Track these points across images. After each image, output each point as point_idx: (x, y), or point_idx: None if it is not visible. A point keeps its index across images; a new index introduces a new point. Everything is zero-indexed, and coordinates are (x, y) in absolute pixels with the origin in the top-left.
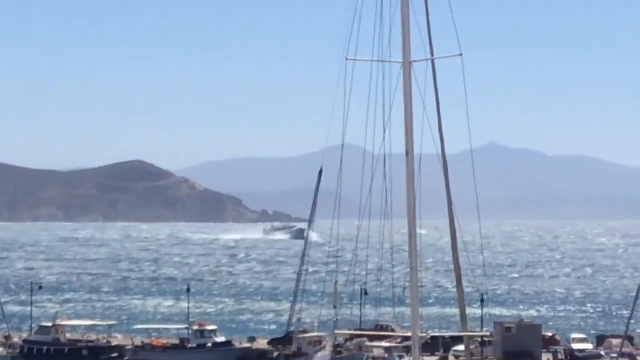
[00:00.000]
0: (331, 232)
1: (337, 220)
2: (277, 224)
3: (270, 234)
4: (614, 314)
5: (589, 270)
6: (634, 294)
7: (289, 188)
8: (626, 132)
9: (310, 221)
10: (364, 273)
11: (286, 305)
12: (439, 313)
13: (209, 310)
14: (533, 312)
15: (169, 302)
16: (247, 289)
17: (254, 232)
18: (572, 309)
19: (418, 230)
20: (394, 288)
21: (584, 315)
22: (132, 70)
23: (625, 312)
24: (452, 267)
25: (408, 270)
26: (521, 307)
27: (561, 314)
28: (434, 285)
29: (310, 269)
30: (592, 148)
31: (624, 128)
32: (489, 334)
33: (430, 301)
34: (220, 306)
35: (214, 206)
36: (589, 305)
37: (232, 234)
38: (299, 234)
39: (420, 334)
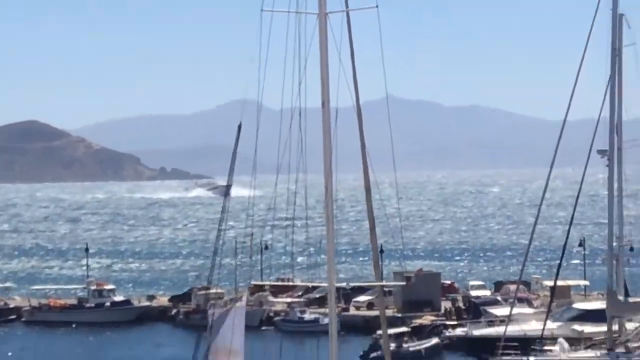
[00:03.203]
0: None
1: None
2: (201, 181)
3: (191, 191)
4: (512, 261)
5: (488, 219)
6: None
7: (187, 145)
8: (520, 83)
9: (230, 176)
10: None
11: (192, 262)
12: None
13: (112, 268)
14: (432, 262)
15: (71, 263)
16: (154, 247)
17: (172, 191)
18: (470, 257)
19: (334, 182)
20: (289, 242)
21: (482, 263)
22: (23, 28)
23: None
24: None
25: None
26: (422, 257)
27: (459, 263)
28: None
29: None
30: (486, 98)
31: (518, 79)
32: (404, 283)
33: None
34: (120, 265)
35: (112, 165)
36: (487, 253)
37: (148, 193)
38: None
39: (337, 285)
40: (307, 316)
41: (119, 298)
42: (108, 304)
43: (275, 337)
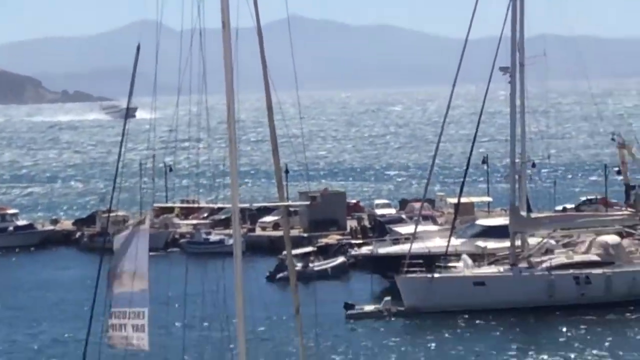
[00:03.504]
0: (153, 105)
1: (154, 97)
2: (105, 103)
3: (94, 114)
4: (416, 179)
5: (390, 138)
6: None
7: (89, 67)
8: (427, 1)
9: (129, 99)
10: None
11: (94, 185)
12: (251, 187)
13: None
14: (337, 182)
15: None
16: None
17: (74, 114)
18: (374, 176)
19: (236, 103)
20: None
21: (386, 182)
22: None
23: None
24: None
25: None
26: (326, 177)
27: (364, 183)
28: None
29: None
30: (394, 17)
31: None
32: (308, 203)
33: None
34: (22, 189)
35: (12, 88)
36: (391, 172)
37: (49, 116)
38: (130, 113)
39: (240, 206)
40: (213, 237)
41: (22, 222)
42: (11, 228)
43: (180, 258)
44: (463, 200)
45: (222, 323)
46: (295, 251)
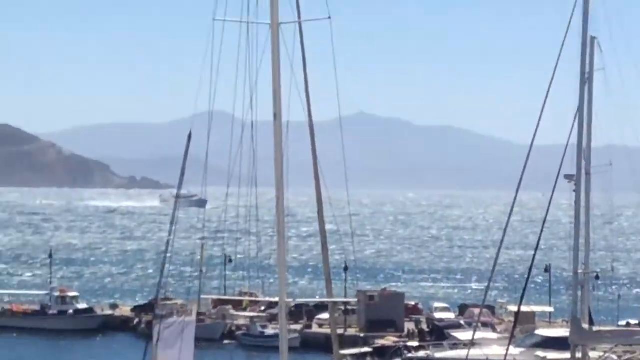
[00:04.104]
0: (203, 192)
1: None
2: (174, 192)
3: (168, 202)
4: (475, 285)
5: (454, 241)
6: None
7: (157, 154)
8: (494, 105)
9: (179, 187)
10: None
11: (157, 272)
12: (306, 283)
13: (70, 276)
14: (397, 282)
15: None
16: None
17: (146, 200)
18: (436, 279)
19: (286, 194)
20: (253, 257)
21: (447, 285)
22: None
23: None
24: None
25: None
26: (384, 276)
27: (424, 284)
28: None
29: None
30: (458, 119)
31: (491, 100)
32: (355, 300)
33: (296, 271)
34: (82, 273)
35: (81, 172)
36: (453, 275)
37: (124, 201)
38: (201, 203)
39: (288, 300)
40: (268, 331)
41: (82, 306)
42: (71, 311)
43: (234, 351)
44: (524, 309)
45: None
46: (351, 351)
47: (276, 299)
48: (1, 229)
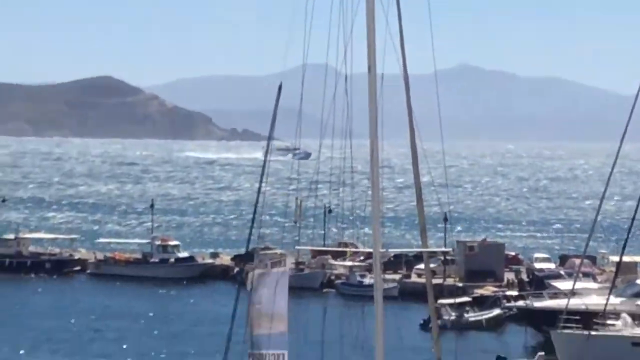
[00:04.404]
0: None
1: (299, 136)
2: (279, 144)
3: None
4: (577, 234)
5: (554, 192)
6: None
7: (259, 107)
8: (600, 55)
9: (270, 137)
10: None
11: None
12: (403, 233)
13: (173, 225)
14: (496, 232)
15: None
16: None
17: (249, 152)
18: (535, 228)
19: (380, 146)
20: (352, 208)
21: (548, 235)
22: None
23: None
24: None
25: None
26: (484, 226)
27: (524, 235)
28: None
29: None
30: (565, 70)
31: (598, 51)
32: (450, 250)
33: (392, 223)
34: (184, 222)
35: (184, 123)
36: (554, 225)
37: (224, 153)
38: (306, 156)
39: (381, 251)
40: (367, 280)
41: (183, 254)
42: (172, 260)
43: (332, 299)
44: (626, 259)
45: None
46: (450, 300)
47: (370, 250)
48: (103, 180)
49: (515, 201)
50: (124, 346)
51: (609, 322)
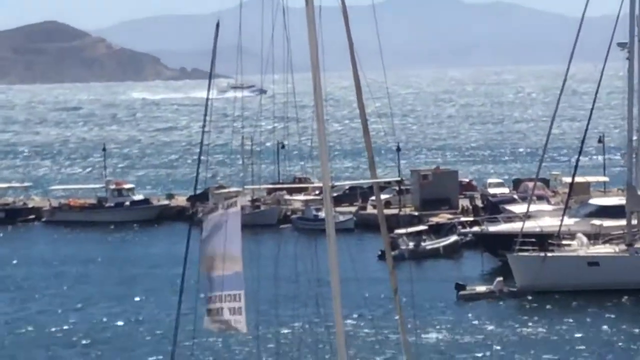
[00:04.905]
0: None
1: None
2: (232, 82)
3: (226, 92)
4: (529, 158)
5: (502, 117)
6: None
7: (206, 45)
8: None
9: (211, 76)
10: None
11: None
12: (357, 165)
13: (125, 168)
14: (448, 159)
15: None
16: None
17: (200, 92)
18: (487, 154)
19: (323, 79)
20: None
21: (499, 160)
22: None
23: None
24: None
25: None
26: (436, 155)
27: (477, 160)
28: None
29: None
30: None
31: None
32: (397, 179)
33: (341, 155)
34: (136, 165)
35: (132, 65)
36: (505, 150)
37: (175, 93)
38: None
39: (331, 185)
40: (322, 214)
41: (138, 197)
42: (127, 203)
43: (290, 235)
44: (578, 179)
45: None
46: (407, 230)
47: (320, 184)
48: (48, 126)
49: (462, 128)
50: (81, 291)
51: (564, 242)
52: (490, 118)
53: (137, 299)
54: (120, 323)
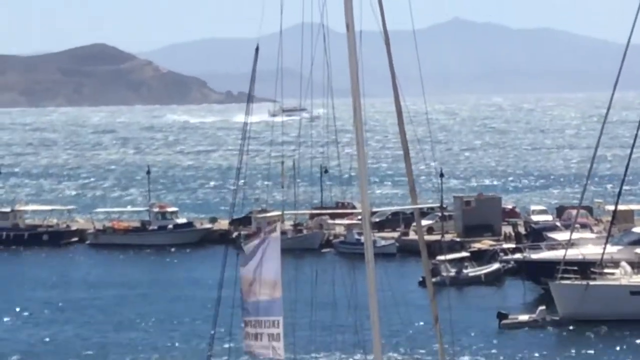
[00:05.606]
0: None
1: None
2: (285, 106)
3: (278, 115)
4: (574, 186)
5: (548, 142)
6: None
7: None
8: (591, 4)
9: (249, 100)
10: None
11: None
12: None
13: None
14: (492, 184)
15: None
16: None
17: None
18: (532, 182)
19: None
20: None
21: (543, 187)
22: None
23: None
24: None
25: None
26: (480, 180)
27: (521, 187)
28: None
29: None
30: (559, 20)
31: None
32: (439, 205)
33: (387, 181)
34: (181, 188)
35: (178, 88)
36: (549, 178)
37: (236, 116)
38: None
39: (372, 210)
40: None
41: (181, 220)
42: (171, 226)
43: (332, 259)
44: (622, 207)
45: (357, 326)
46: (449, 256)
47: (360, 210)
48: (87, 149)
49: (504, 153)
50: (120, 314)
51: (607, 271)
52: (530, 144)
53: (175, 322)
54: (158, 345)
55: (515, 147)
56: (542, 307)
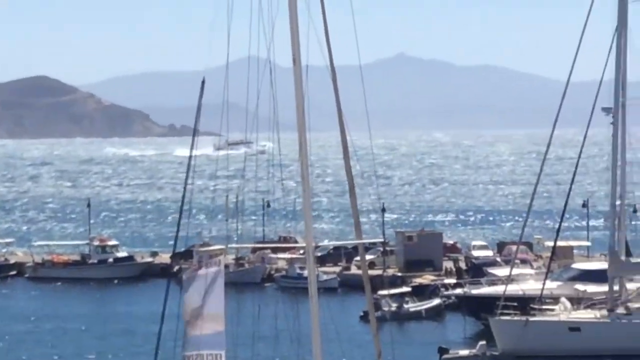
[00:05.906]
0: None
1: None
2: (231, 139)
3: (223, 149)
4: (514, 222)
5: (488, 179)
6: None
7: (196, 103)
8: (533, 40)
9: (194, 133)
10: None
11: (194, 220)
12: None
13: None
14: (433, 220)
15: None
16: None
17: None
18: (473, 218)
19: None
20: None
21: (483, 222)
22: None
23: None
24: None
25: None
26: (421, 216)
27: (461, 224)
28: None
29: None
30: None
31: (531, 37)
32: (382, 240)
33: (331, 214)
34: (121, 222)
35: (121, 121)
36: (490, 213)
37: (178, 149)
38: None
39: (315, 245)
40: (306, 273)
41: (122, 254)
42: (111, 260)
43: (273, 293)
44: (561, 243)
45: None
46: (391, 291)
47: (303, 244)
48: (22, 181)
49: (443, 190)
50: (59, 347)
51: (546, 306)
52: (468, 180)
53: (116, 356)
54: None
55: (453, 182)
56: (483, 342)
